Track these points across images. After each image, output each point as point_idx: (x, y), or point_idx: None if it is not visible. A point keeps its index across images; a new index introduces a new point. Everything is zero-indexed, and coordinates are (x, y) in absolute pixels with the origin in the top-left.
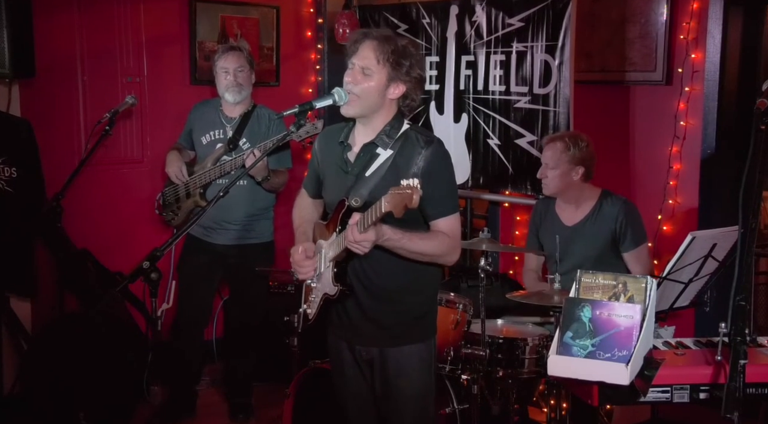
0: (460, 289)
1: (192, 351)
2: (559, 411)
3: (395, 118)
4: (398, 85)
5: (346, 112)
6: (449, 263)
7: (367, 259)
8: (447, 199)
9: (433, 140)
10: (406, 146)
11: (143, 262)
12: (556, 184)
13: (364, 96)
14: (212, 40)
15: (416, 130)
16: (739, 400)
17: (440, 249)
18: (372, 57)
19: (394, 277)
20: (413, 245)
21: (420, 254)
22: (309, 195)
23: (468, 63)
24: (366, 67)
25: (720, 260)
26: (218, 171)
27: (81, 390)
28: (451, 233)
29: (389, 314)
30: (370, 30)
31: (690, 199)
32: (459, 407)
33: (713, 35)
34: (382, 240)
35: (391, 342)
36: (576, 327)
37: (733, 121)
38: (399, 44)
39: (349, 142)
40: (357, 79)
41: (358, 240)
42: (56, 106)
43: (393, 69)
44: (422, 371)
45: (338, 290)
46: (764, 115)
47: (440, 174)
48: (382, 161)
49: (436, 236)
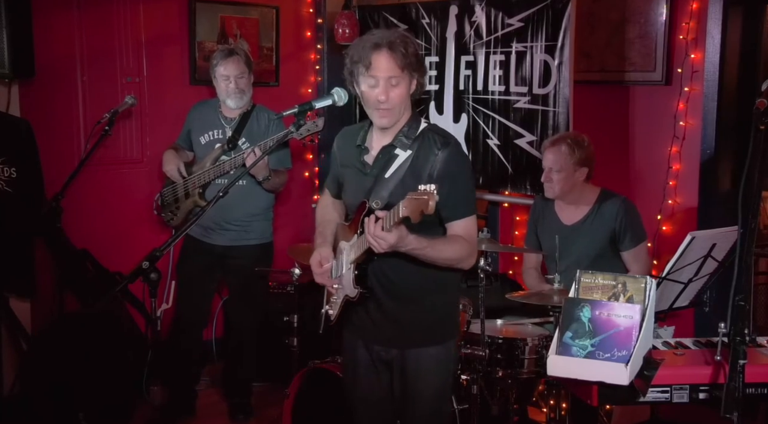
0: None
1: (191, 351)
2: (559, 411)
3: (413, 118)
4: (415, 80)
5: (382, 125)
6: (466, 267)
7: (387, 260)
8: (463, 202)
9: (449, 142)
10: (423, 147)
11: (143, 262)
12: (561, 187)
13: (398, 106)
14: (212, 40)
15: (434, 130)
16: (738, 400)
17: (459, 254)
18: (395, 66)
19: (414, 278)
20: (436, 253)
21: (442, 260)
22: (331, 195)
23: (467, 63)
24: (392, 77)
25: (719, 260)
26: (217, 171)
27: (81, 390)
28: (468, 236)
29: (411, 314)
30: (371, 37)
31: (690, 199)
32: (459, 407)
33: (713, 35)
34: (405, 248)
35: (413, 343)
36: (575, 327)
37: (732, 121)
38: (402, 40)
39: (366, 145)
40: (389, 94)
41: (379, 235)
42: (56, 106)
43: (411, 68)
44: (441, 373)
45: (358, 293)
46: (763, 115)
47: (456, 176)
48: (401, 162)
49: (456, 241)
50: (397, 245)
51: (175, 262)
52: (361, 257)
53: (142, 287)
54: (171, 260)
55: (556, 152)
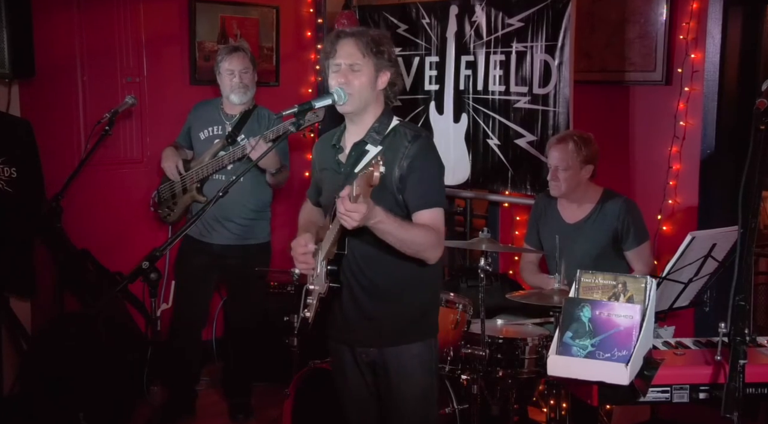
0: (459, 289)
1: (191, 351)
2: (559, 411)
3: (384, 114)
4: (384, 73)
5: (344, 110)
6: (431, 258)
7: (363, 257)
8: (430, 191)
9: (420, 135)
10: (394, 141)
11: (143, 262)
12: (568, 185)
13: (359, 92)
14: (212, 40)
15: (405, 125)
16: (738, 400)
17: (427, 239)
18: (356, 52)
19: (391, 275)
20: (404, 232)
21: (409, 243)
22: (311, 203)
23: (468, 63)
24: (353, 64)
25: (720, 260)
26: (216, 165)
27: (81, 390)
28: (435, 226)
29: (387, 313)
30: (340, 30)
31: (690, 199)
32: (459, 407)
33: (713, 35)
34: (375, 221)
35: (390, 342)
36: (576, 327)
37: (732, 121)
38: (373, 34)
39: (341, 144)
40: (349, 78)
41: (350, 208)
42: (56, 106)
43: (377, 58)
44: (424, 372)
45: (327, 287)
46: (764, 115)
47: (424, 165)
48: (371, 157)
49: (423, 227)
50: (367, 215)
51: (171, 261)
52: (332, 248)
53: (142, 287)
54: (167, 259)
55: (563, 150)
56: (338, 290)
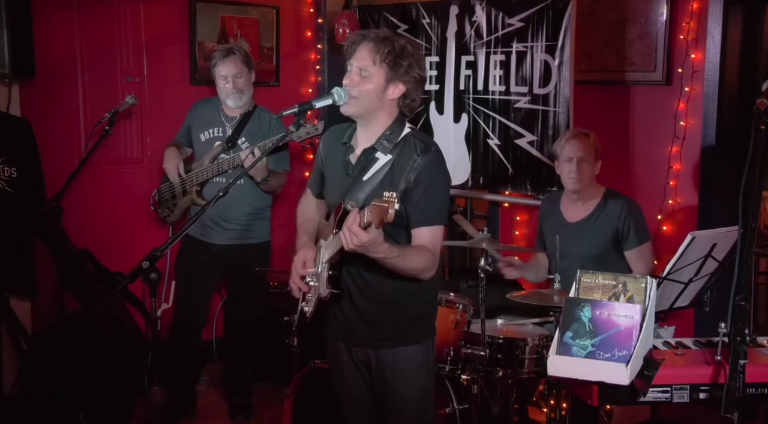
0: (459, 289)
1: (191, 351)
2: (559, 411)
3: (396, 122)
4: (397, 86)
5: (345, 111)
6: (425, 278)
7: (362, 261)
8: (434, 209)
9: (430, 149)
10: (404, 152)
11: (143, 262)
12: (589, 177)
13: (362, 97)
14: (212, 40)
15: (416, 136)
16: (738, 400)
17: (422, 266)
18: (369, 58)
19: (389, 279)
20: (404, 263)
21: (408, 270)
22: (313, 194)
23: (468, 63)
24: (363, 69)
25: (720, 260)
26: (216, 169)
27: (81, 390)
28: (432, 247)
29: (385, 315)
30: (368, 31)
31: (690, 199)
32: (459, 407)
33: (713, 35)
34: (376, 253)
35: (387, 344)
36: (576, 327)
37: (732, 122)
38: (396, 44)
39: (352, 144)
40: (355, 82)
41: (354, 231)
42: (56, 106)
43: (391, 69)
44: (420, 373)
45: (329, 293)
46: (764, 115)
47: (430, 182)
48: (380, 166)
49: (420, 252)
50: (368, 246)
51: (172, 261)
52: (335, 256)
53: (142, 287)
54: (168, 259)
55: (584, 141)
56: (339, 296)
